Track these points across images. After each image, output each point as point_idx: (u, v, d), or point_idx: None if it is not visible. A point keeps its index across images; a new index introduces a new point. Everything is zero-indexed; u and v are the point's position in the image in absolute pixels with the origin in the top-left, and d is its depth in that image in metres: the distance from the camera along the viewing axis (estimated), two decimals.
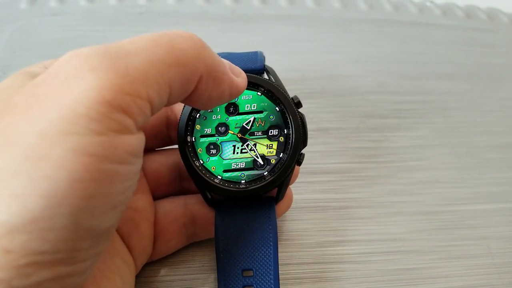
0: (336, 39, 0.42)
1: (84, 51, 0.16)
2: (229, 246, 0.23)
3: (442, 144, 0.34)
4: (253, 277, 0.23)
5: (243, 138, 0.24)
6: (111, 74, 0.15)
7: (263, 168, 0.24)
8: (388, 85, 0.38)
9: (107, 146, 0.15)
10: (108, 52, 0.15)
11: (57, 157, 0.14)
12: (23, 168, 0.14)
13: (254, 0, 0.45)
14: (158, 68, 0.16)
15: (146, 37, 0.17)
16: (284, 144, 0.24)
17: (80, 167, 0.14)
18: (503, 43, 0.45)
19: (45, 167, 0.14)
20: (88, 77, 0.15)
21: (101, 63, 0.15)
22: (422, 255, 0.28)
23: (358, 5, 0.47)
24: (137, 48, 0.16)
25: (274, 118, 0.24)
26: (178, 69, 0.17)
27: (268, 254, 0.23)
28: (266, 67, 0.25)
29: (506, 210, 0.31)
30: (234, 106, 0.24)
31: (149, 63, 0.16)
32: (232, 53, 0.27)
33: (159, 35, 0.17)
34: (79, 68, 0.15)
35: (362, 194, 0.31)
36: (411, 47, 0.42)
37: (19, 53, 0.37)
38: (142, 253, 0.24)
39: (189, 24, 0.41)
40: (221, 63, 0.19)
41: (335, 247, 0.28)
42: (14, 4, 0.43)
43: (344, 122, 0.35)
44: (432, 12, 0.48)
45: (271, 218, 0.24)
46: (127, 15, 0.41)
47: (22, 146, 0.14)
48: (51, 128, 0.14)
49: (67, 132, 0.14)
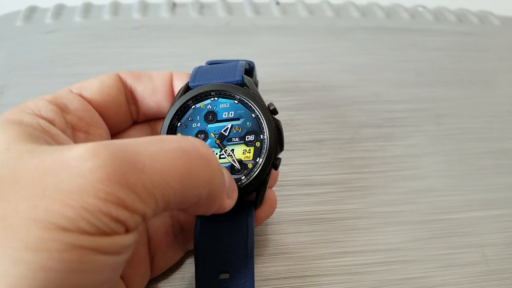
0: (329, 48, 0.42)
1: (103, 154, 0.16)
2: (207, 249, 0.24)
3: (436, 152, 0.35)
4: (230, 280, 0.24)
5: (221, 144, 0.25)
6: (120, 190, 0.16)
7: (240, 172, 0.25)
8: (382, 94, 0.38)
9: (103, 243, 0.16)
10: (126, 163, 0.16)
11: (56, 249, 0.15)
12: (23, 257, 0.14)
13: (247, 12, 0.46)
14: (163, 190, 0.17)
15: (166, 155, 0.18)
16: (260, 149, 0.25)
17: (76, 258, 0.15)
18: (495, 47, 0.46)
19: (44, 258, 0.14)
20: (100, 186, 0.15)
21: (115, 175, 0.16)
22: (419, 264, 0.29)
23: (350, 13, 0.47)
24: (154, 168, 0.17)
25: (250, 124, 0.25)
26: (183, 194, 0.18)
27: (244, 257, 0.24)
28: (245, 78, 0.26)
29: (501, 217, 0.32)
30: (212, 115, 0.26)
31: (157, 185, 0.17)
32: (214, 66, 0.28)
33: (180, 153, 0.18)
34: (94, 172, 0.16)
35: (358, 205, 0.31)
36: (404, 54, 0.43)
37: (16, 72, 0.37)
38: (141, 279, 0.24)
39: (184, 38, 0.42)
40: (222, 187, 0.20)
41: (332, 259, 0.28)
42: (9, 21, 0.43)
43: (339, 133, 0.35)
44: (424, 18, 0.49)
45: (248, 223, 0.25)
46: (122, 31, 0.42)
47: (24, 236, 0.15)
48: (53, 223, 0.15)
49: (67, 229, 0.15)
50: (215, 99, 0.26)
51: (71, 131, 0.23)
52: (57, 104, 0.23)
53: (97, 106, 0.25)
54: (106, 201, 0.15)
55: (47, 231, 0.15)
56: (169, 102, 0.27)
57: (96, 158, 0.16)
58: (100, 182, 0.15)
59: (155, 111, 0.28)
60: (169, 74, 0.27)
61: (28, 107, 0.21)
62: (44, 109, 0.22)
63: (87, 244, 0.15)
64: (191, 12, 0.45)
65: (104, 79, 0.26)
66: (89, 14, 0.44)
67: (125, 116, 0.27)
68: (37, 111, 0.21)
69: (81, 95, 0.25)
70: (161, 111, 0.28)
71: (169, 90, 0.27)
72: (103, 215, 0.15)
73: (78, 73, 0.37)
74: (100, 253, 0.16)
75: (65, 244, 0.15)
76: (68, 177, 0.15)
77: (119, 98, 0.26)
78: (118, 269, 0.18)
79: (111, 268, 0.17)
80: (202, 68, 0.28)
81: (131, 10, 0.44)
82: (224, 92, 0.25)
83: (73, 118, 0.23)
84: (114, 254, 0.16)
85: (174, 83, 0.27)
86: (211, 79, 0.26)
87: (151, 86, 0.27)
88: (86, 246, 0.15)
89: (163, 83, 0.27)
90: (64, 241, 0.15)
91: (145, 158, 0.17)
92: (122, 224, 0.16)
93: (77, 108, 0.23)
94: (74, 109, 0.23)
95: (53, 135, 0.20)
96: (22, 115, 0.20)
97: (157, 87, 0.27)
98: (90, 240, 0.15)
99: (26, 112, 0.21)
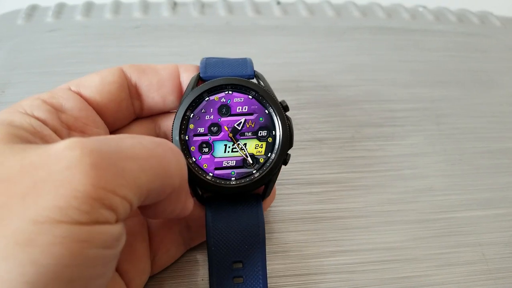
0: (330, 48, 0.42)
1: (88, 144, 0.16)
2: (220, 240, 0.25)
3: (436, 151, 0.35)
4: (243, 268, 0.24)
5: (234, 138, 0.26)
6: (108, 175, 0.16)
7: (252, 166, 0.25)
8: (382, 94, 0.38)
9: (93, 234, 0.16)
10: (110, 152, 0.17)
11: (46, 243, 0.15)
12: (12, 252, 0.14)
13: (248, 11, 0.46)
14: (147, 177, 0.18)
15: (143, 145, 0.19)
16: (272, 145, 0.26)
17: (67, 252, 0.15)
18: (495, 47, 0.46)
19: (33, 252, 0.14)
20: (89, 173, 0.16)
21: (103, 162, 0.16)
22: (418, 263, 0.29)
23: (351, 13, 0.47)
24: (135, 155, 0.18)
25: (263, 120, 0.26)
26: (162, 181, 0.19)
27: (257, 247, 0.25)
28: (256, 73, 0.27)
29: (500, 216, 0.32)
30: (226, 108, 0.26)
31: (142, 171, 0.18)
32: (223, 59, 0.28)
33: (155, 145, 0.19)
34: (81, 161, 0.16)
35: (358, 204, 0.31)
36: (405, 54, 0.43)
37: (17, 70, 0.37)
38: (141, 275, 0.24)
39: (185, 37, 0.42)
40: (187, 181, 0.21)
41: (331, 258, 0.28)
42: (10, 20, 0.43)
43: (339, 132, 0.35)
44: (425, 18, 0.49)
45: (259, 214, 0.25)
46: (123, 30, 0.42)
47: (13, 231, 0.15)
48: (44, 216, 0.15)
49: (58, 221, 0.15)
50: (230, 92, 0.26)
51: (66, 130, 0.23)
52: (52, 103, 0.22)
53: (96, 104, 0.25)
54: (97, 187, 0.16)
55: (37, 224, 0.15)
56: (175, 96, 0.27)
57: (82, 147, 0.16)
58: (89, 170, 0.16)
59: (160, 106, 0.27)
60: (176, 67, 0.27)
61: (22, 106, 0.21)
62: (37, 109, 0.21)
63: (78, 236, 0.15)
64: (192, 11, 0.45)
65: (106, 75, 0.25)
66: (90, 13, 0.44)
67: (127, 112, 0.26)
68: (29, 111, 0.21)
69: (79, 93, 0.24)
70: (167, 105, 0.27)
71: (176, 83, 0.27)
72: (95, 201, 0.16)
73: (79, 71, 0.37)
74: (91, 246, 0.16)
75: (56, 237, 0.15)
76: (57, 168, 0.16)
77: (120, 94, 0.25)
78: (110, 264, 0.18)
79: (103, 262, 0.17)
80: (211, 60, 0.27)
81: (132, 9, 0.45)
82: (239, 86, 0.26)
83: (68, 118, 0.23)
84: (105, 247, 0.16)
85: (182, 76, 0.27)
86: (222, 71, 0.26)
87: (156, 80, 0.26)
88: (77, 238, 0.15)
89: (170, 77, 0.26)
90: (55, 234, 0.15)
91: (127, 148, 0.18)
92: (113, 210, 0.16)
93: (73, 108, 0.23)
94: (70, 109, 0.23)
95: (44, 136, 0.20)
96: (15, 115, 0.20)
97: (163, 81, 0.26)
98: (81, 230, 0.15)
99: (19, 112, 0.21)
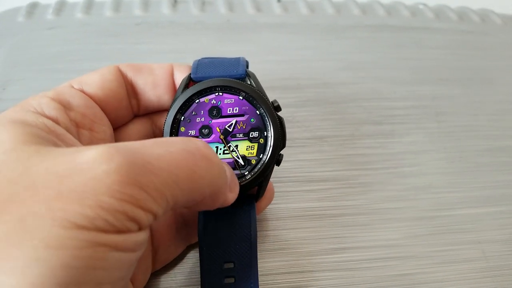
0: (330, 46, 0.42)
1: (116, 157, 0.17)
2: (212, 240, 0.25)
3: (436, 149, 0.35)
4: (234, 268, 0.24)
5: (225, 140, 0.25)
6: (135, 190, 0.16)
7: (243, 168, 0.25)
8: (382, 91, 0.38)
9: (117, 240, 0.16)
10: (137, 165, 0.17)
11: (76, 247, 0.15)
12: (43, 255, 0.14)
13: (249, 9, 0.46)
14: (173, 191, 0.18)
15: (172, 156, 0.18)
16: (264, 146, 0.25)
17: (94, 255, 0.15)
18: (495, 45, 0.46)
19: (64, 256, 0.15)
20: (115, 188, 0.16)
21: (129, 176, 0.16)
22: (418, 260, 0.29)
23: (351, 11, 0.47)
24: (162, 169, 0.18)
25: (254, 121, 0.26)
26: (189, 193, 0.19)
27: (248, 247, 0.25)
28: (248, 72, 0.27)
29: (500, 214, 0.32)
30: (217, 110, 0.26)
31: (167, 185, 0.18)
32: (215, 59, 0.28)
33: (185, 153, 0.19)
34: (109, 174, 0.16)
35: (358, 201, 0.31)
36: (405, 52, 0.43)
37: (18, 67, 0.37)
38: (144, 272, 0.24)
39: (185, 34, 0.42)
40: (224, 183, 0.21)
41: (332, 255, 0.29)
42: (11, 17, 0.43)
43: (339, 130, 0.35)
44: (425, 15, 0.49)
45: (251, 215, 0.25)
46: (123, 27, 0.42)
47: (43, 234, 0.15)
48: (71, 222, 0.15)
49: (85, 227, 0.15)
50: (220, 94, 0.26)
51: (75, 128, 0.23)
52: (59, 101, 0.22)
53: (99, 101, 0.25)
54: (122, 200, 0.16)
55: (65, 229, 0.15)
56: (170, 95, 0.27)
57: (110, 161, 0.16)
58: (115, 184, 0.16)
59: (155, 104, 0.27)
60: (170, 66, 0.27)
61: (31, 105, 0.21)
62: (47, 108, 0.21)
63: (104, 241, 0.15)
64: (193, 9, 0.45)
65: (105, 73, 0.25)
66: (91, 10, 0.44)
67: (126, 110, 0.27)
68: (40, 110, 0.21)
69: (83, 90, 0.24)
70: (162, 104, 0.27)
71: (170, 83, 0.27)
72: (119, 214, 0.16)
73: (79, 69, 0.37)
74: (117, 250, 0.16)
75: (84, 242, 0.15)
76: (83, 180, 0.16)
77: (120, 92, 0.26)
78: (133, 266, 0.18)
79: (127, 265, 0.17)
80: (203, 60, 0.28)
81: (132, 7, 0.45)
82: (229, 87, 0.26)
83: (76, 115, 0.23)
84: (129, 251, 0.17)
85: (175, 75, 0.27)
86: (213, 71, 0.26)
87: (151, 79, 0.27)
88: (104, 243, 0.15)
89: (164, 76, 0.27)
90: (83, 238, 0.15)
91: (153, 160, 0.18)
92: (136, 222, 0.17)
93: (80, 105, 0.23)
94: (77, 106, 0.23)
95: (58, 135, 0.20)
96: (26, 114, 0.20)
97: (158, 81, 0.27)
98: (106, 237, 0.16)
99: (30, 111, 0.21)
